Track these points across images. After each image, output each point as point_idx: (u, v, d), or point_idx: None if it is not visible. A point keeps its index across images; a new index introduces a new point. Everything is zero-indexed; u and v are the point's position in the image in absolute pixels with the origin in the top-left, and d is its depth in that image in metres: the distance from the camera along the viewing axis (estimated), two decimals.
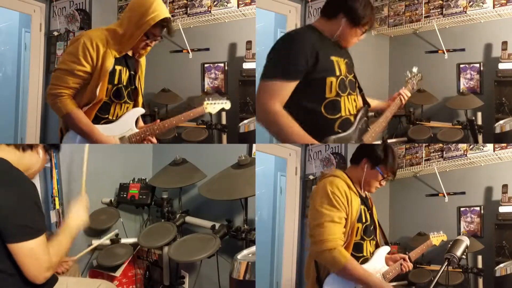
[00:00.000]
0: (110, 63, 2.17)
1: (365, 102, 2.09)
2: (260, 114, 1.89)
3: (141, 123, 2.44)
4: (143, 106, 2.43)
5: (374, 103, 2.20)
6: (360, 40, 2.04)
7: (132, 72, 2.32)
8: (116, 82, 2.24)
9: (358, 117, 2.01)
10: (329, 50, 1.94)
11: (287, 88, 1.86)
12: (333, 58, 1.93)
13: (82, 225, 2.00)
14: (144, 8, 2.14)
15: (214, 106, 2.43)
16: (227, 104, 2.44)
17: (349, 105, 1.98)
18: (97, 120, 2.23)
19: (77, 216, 2.00)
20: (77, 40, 2.16)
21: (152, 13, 2.13)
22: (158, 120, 2.34)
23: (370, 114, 2.15)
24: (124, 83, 2.28)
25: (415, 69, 2.41)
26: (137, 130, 2.32)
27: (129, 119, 2.33)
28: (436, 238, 2.46)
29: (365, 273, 1.95)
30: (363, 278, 1.94)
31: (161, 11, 2.16)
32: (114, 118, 2.29)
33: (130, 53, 2.30)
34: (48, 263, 1.72)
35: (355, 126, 1.99)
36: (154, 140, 2.35)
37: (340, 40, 1.99)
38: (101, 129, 2.22)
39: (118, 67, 2.23)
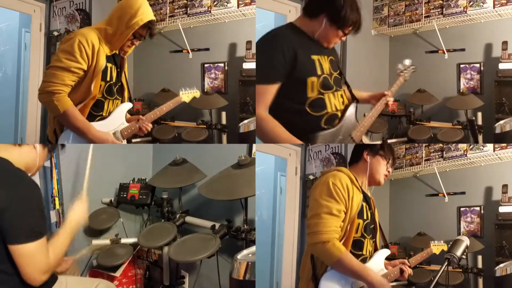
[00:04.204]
0: (103, 60, 2.25)
1: (353, 98, 2.09)
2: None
3: (128, 117, 2.49)
4: (130, 101, 2.49)
5: (361, 94, 2.20)
6: (343, 40, 2.02)
7: (118, 69, 2.40)
8: (108, 79, 2.32)
9: (346, 113, 2.02)
10: (310, 49, 1.94)
11: (269, 91, 1.89)
12: (315, 57, 1.94)
13: (82, 222, 2.01)
14: (133, 10, 2.24)
15: (187, 95, 2.60)
16: (197, 93, 2.64)
17: (335, 101, 1.99)
18: (91, 118, 2.29)
19: (77, 213, 2.01)
20: (71, 38, 2.20)
21: (141, 15, 2.25)
22: (141, 116, 2.41)
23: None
24: (114, 80, 2.37)
25: (407, 62, 2.40)
26: (127, 124, 2.39)
27: (119, 114, 2.40)
28: (437, 247, 2.49)
29: (360, 266, 1.91)
30: (358, 272, 1.90)
31: (148, 13, 2.29)
32: (107, 115, 2.36)
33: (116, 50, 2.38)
34: (46, 266, 1.72)
35: (342, 122, 2.00)
36: (149, 126, 2.42)
37: (321, 40, 1.98)
38: (96, 126, 2.28)
39: (109, 65, 2.31)
